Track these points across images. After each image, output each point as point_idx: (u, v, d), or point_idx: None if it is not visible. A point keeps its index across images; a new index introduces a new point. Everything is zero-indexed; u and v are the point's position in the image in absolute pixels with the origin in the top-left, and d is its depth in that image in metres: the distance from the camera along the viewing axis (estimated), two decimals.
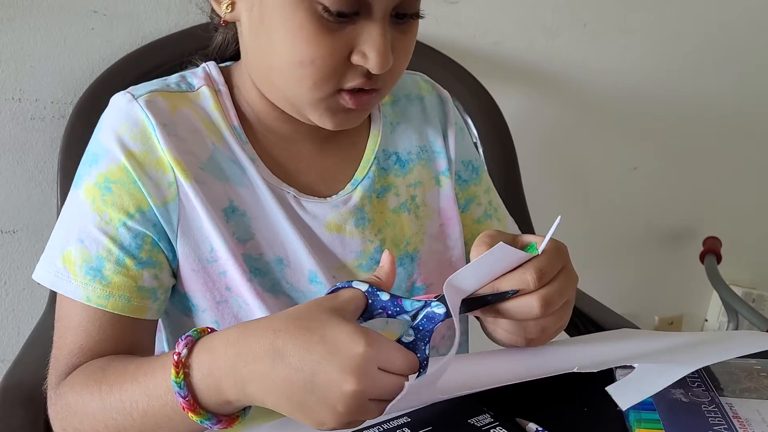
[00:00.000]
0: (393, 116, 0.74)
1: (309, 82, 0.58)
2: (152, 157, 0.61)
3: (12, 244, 0.97)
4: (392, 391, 0.46)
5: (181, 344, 0.51)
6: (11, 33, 0.91)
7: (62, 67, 0.94)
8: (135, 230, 0.60)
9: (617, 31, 1.37)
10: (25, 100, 0.93)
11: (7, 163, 0.94)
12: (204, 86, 0.66)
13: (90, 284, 0.59)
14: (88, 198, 0.61)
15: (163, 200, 0.61)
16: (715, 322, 1.72)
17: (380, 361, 0.46)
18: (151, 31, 0.97)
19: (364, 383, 0.45)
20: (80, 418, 0.56)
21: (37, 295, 1.00)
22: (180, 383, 0.49)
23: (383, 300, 0.51)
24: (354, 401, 0.45)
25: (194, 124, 0.64)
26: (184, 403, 0.49)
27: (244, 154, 0.64)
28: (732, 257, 1.53)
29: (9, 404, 0.66)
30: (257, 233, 0.64)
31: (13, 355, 0.75)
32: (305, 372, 0.46)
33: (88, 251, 0.60)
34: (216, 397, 0.50)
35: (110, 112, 0.64)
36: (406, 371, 0.47)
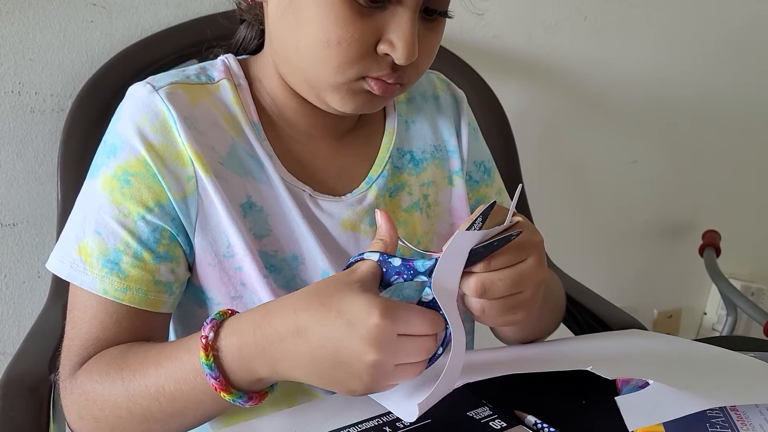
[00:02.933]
0: (408, 114, 0.73)
1: (333, 64, 0.58)
2: (172, 151, 0.60)
3: (12, 236, 0.97)
4: (418, 353, 0.48)
5: (207, 327, 0.52)
6: (10, 26, 0.91)
7: (62, 60, 0.94)
8: (153, 224, 0.60)
9: (617, 25, 1.37)
10: (24, 93, 0.93)
11: (6, 156, 0.94)
12: (224, 79, 0.65)
13: (107, 277, 0.59)
14: (106, 190, 0.60)
15: (183, 194, 0.61)
16: (714, 316, 1.73)
17: (399, 328, 0.47)
18: (151, 24, 0.97)
19: (385, 353, 0.47)
20: (100, 405, 0.56)
21: (38, 288, 1.00)
22: (211, 365, 0.51)
23: (396, 266, 0.51)
24: (378, 371, 0.47)
25: (214, 117, 0.63)
26: (216, 384, 0.51)
27: (263, 150, 0.64)
28: (731, 251, 1.53)
29: (11, 397, 0.66)
30: (274, 230, 0.64)
31: (14, 348, 0.75)
32: (328, 348, 0.48)
33: (105, 244, 0.60)
34: (248, 377, 0.52)
35: (130, 103, 0.63)
36: (429, 331, 0.48)
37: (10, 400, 0.66)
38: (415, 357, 0.48)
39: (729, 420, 0.51)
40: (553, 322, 0.75)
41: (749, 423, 0.51)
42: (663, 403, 0.51)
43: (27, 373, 0.70)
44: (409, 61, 0.57)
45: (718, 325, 1.71)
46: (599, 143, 1.45)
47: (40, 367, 0.71)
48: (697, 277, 1.59)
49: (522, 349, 0.68)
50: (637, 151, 1.50)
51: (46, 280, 0.90)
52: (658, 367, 0.59)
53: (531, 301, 0.54)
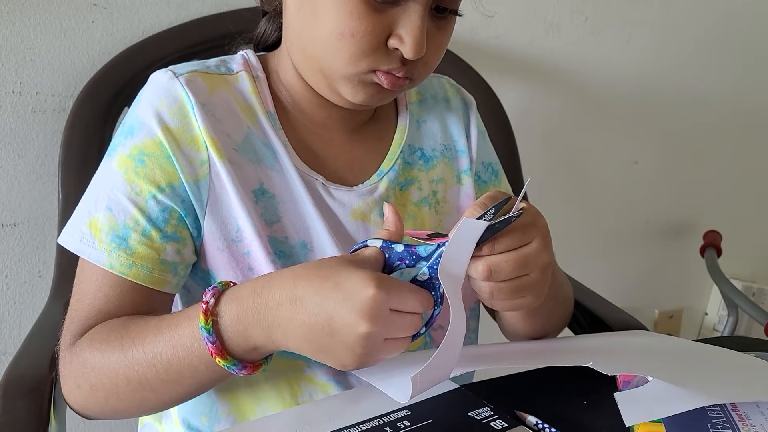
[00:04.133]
0: (419, 114, 0.76)
1: (346, 55, 0.60)
2: (188, 135, 0.62)
3: (13, 236, 0.98)
4: (406, 329, 0.50)
5: (208, 294, 0.54)
6: (12, 26, 0.91)
7: (63, 60, 0.94)
8: (164, 204, 0.62)
9: (618, 25, 1.37)
10: (25, 93, 0.93)
11: (8, 156, 0.94)
12: (243, 71, 0.68)
13: (114, 252, 0.61)
14: (121, 168, 0.62)
15: (195, 177, 0.62)
16: (715, 316, 1.73)
17: (391, 302, 0.49)
18: (152, 24, 0.97)
19: (377, 325, 0.48)
20: (98, 372, 0.58)
21: (39, 288, 1.00)
22: (209, 329, 0.53)
23: (399, 252, 0.53)
24: (369, 342, 0.49)
25: (231, 106, 0.65)
26: (212, 349, 0.53)
27: (278, 139, 0.66)
28: (732, 251, 1.53)
29: (12, 397, 0.66)
30: (284, 217, 0.66)
31: (14, 348, 0.75)
32: (322, 317, 0.50)
33: (115, 219, 0.61)
34: (244, 344, 0.54)
35: (150, 87, 0.65)
36: (419, 309, 0.51)
37: (11, 399, 0.66)
38: (403, 332, 0.50)
39: (730, 420, 0.51)
40: (561, 318, 0.75)
41: (750, 423, 0.51)
42: (662, 399, 0.51)
43: (28, 373, 0.70)
44: (417, 56, 0.59)
45: (719, 325, 1.70)
46: (600, 144, 1.45)
47: (41, 366, 0.71)
48: (698, 277, 1.59)
49: (522, 344, 0.68)
50: (639, 151, 1.50)
51: (48, 280, 0.90)
52: (658, 364, 0.59)
53: (538, 284, 0.56)
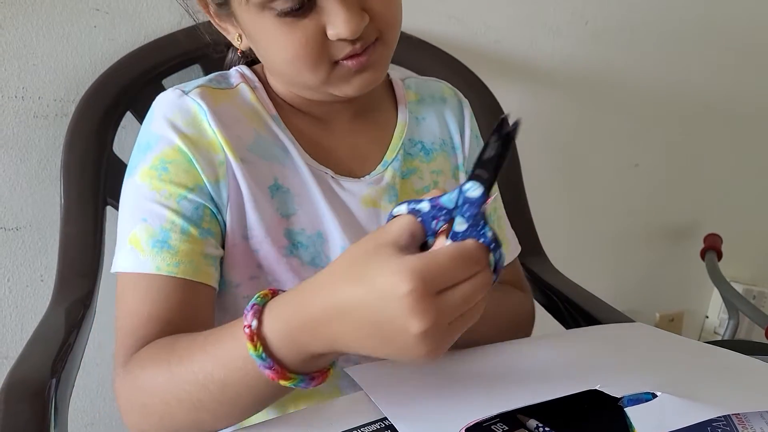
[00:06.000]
0: (418, 112, 0.78)
1: (306, 71, 0.62)
2: (204, 140, 0.64)
3: (15, 241, 0.98)
4: (470, 298, 0.45)
5: (248, 315, 0.50)
6: (14, 31, 0.91)
7: (65, 65, 0.95)
8: (195, 202, 0.63)
9: (618, 29, 1.37)
10: (27, 98, 0.94)
11: (10, 160, 0.95)
12: (241, 83, 0.71)
13: (158, 255, 0.61)
14: (145, 180, 0.63)
15: (216, 178, 0.64)
16: (715, 319, 1.72)
17: (436, 284, 0.44)
18: (154, 29, 0.98)
19: (427, 319, 0.43)
20: (149, 393, 0.55)
21: (41, 292, 1.00)
22: (261, 355, 0.49)
23: (427, 211, 0.47)
24: (429, 338, 0.44)
25: (237, 115, 0.68)
26: (272, 374, 0.49)
27: (286, 137, 0.69)
28: (733, 254, 1.53)
29: (14, 400, 0.66)
30: (299, 209, 0.68)
31: (16, 352, 0.75)
32: (370, 325, 0.45)
33: (152, 227, 0.62)
34: (305, 357, 0.50)
35: (160, 105, 0.67)
36: (469, 271, 0.45)
37: (13, 403, 0.66)
38: (467, 304, 0.45)
39: (730, 423, 0.51)
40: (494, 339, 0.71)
41: (750, 426, 0.51)
42: (672, 411, 0.51)
43: (29, 377, 0.70)
44: (357, 32, 0.60)
45: (720, 328, 1.70)
46: (601, 147, 1.45)
47: (43, 371, 0.71)
48: (698, 280, 1.59)
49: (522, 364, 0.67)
50: (639, 154, 1.50)
51: (49, 284, 0.90)
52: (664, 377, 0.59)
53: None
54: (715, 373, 0.63)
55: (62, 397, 0.72)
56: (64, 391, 0.73)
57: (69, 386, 0.75)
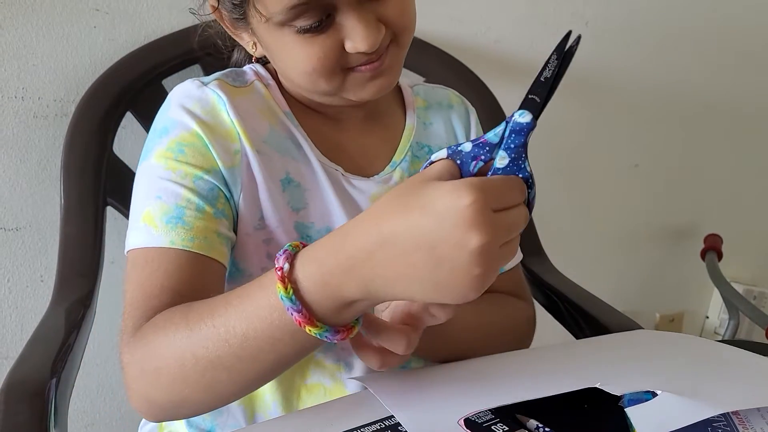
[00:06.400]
0: (426, 117, 0.79)
1: (322, 81, 0.63)
2: (222, 128, 0.65)
3: (15, 241, 0.98)
4: (517, 225, 0.46)
5: (281, 259, 0.49)
6: (14, 31, 0.91)
7: (65, 65, 0.95)
8: (210, 183, 0.63)
9: (618, 29, 1.37)
10: (27, 98, 0.94)
11: (10, 161, 0.95)
12: (255, 80, 0.72)
13: (173, 230, 0.60)
14: (161, 161, 0.64)
15: (231, 164, 0.65)
16: (716, 319, 1.72)
17: (491, 203, 0.44)
18: (154, 29, 0.98)
19: (487, 232, 0.43)
20: (163, 354, 0.53)
21: (41, 293, 1.00)
22: (291, 297, 0.48)
23: (469, 151, 0.48)
24: (486, 255, 0.43)
25: (252, 110, 0.68)
26: (299, 317, 0.48)
27: (299, 133, 0.70)
28: (733, 254, 1.53)
29: (13, 401, 0.66)
30: (310, 203, 0.69)
31: (16, 353, 0.75)
32: (423, 249, 0.44)
33: (167, 204, 0.62)
34: (336, 304, 0.48)
35: (178, 94, 0.67)
36: (520, 198, 0.46)
37: (13, 403, 0.66)
38: (516, 230, 0.45)
39: (730, 423, 0.51)
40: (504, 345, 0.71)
41: (750, 426, 0.51)
42: (672, 411, 0.51)
43: (29, 378, 0.70)
44: (375, 45, 0.61)
45: (720, 328, 1.70)
46: (601, 147, 1.45)
47: (43, 371, 0.71)
48: (699, 280, 1.59)
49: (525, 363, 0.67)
50: (639, 154, 1.50)
51: (49, 285, 0.90)
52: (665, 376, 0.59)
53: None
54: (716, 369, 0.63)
55: (62, 398, 0.72)
56: (64, 392, 0.73)
57: (69, 386, 0.75)
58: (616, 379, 0.56)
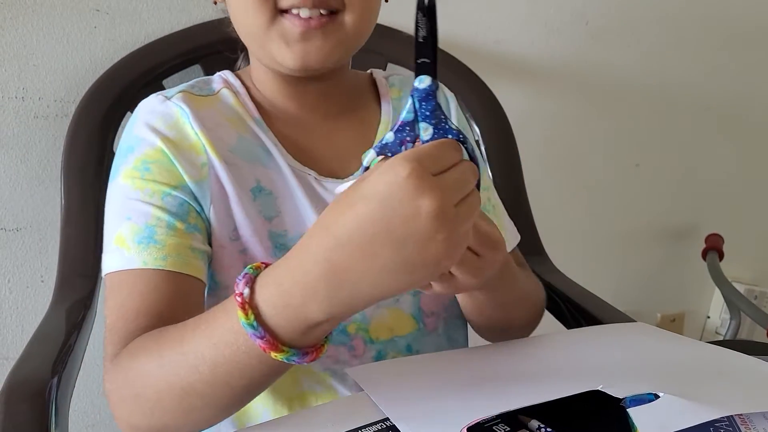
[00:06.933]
0: (399, 107, 0.77)
1: (251, 8, 0.62)
2: (186, 142, 0.65)
3: (16, 241, 0.98)
4: (464, 181, 0.45)
5: (240, 284, 0.48)
6: (14, 32, 0.91)
7: (65, 65, 0.95)
8: (179, 198, 0.63)
9: (619, 28, 1.37)
10: (28, 98, 0.94)
11: (10, 161, 0.95)
12: (224, 88, 0.71)
13: (145, 250, 0.60)
14: (128, 180, 0.64)
15: (198, 178, 0.65)
16: (717, 319, 1.72)
17: (429, 167, 0.43)
18: (154, 29, 0.98)
19: (436, 194, 0.42)
20: (140, 382, 0.53)
21: (41, 293, 1.00)
22: (253, 323, 0.46)
23: (393, 140, 0.48)
24: (443, 217, 0.42)
25: (219, 120, 0.68)
26: (263, 344, 0.47)
27: (269, 140, 0.69)
28: (734, 254, 1.53)
29: (14, 401, 0.66)
30: (282, 211, 0.68)
31: (16, 353, 0.75)
32: (380, 235, 0.43)
33: (137, 224, 0.61)
34: (299, 326, 0.47)
35: (143, 110, 0.68)
36: (457, 156, 0.46)
37: (14, 404, 0.66)
38: (465, 187, 0.45)
39: (733, 423, 0.51)
40: (525, 321, 0.74)
41: (753, 427, 0.51)
42: (674, 413, 0.51)
43: (30, 378, 0.70)
44: None
45: (721, 328, 1.70)
46: (602, 146, 1.45)
47: (43, 371, 0.71)
48: (700, 280, 1.59)
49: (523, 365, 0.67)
50: (639, 154, 1.50)
51: (50, 285, 0.90)
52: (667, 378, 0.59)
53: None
54: (717, 373, 0.62)
55: (63, 398, 0.72)
56: (65, 392, 0.73)
57: (69, 387, 0.75)
58: (618, 380, 0.56)
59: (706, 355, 0.67)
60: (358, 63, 0.79)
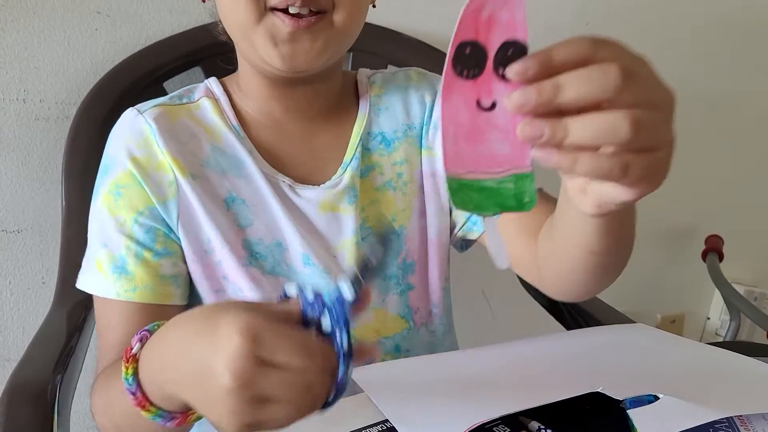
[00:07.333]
0: (380, 103, 0.77)
1: (241, 4, 0.62)
2: (154, 162, 0.67)
3: (17, 243, 0.98)
4: (281, 388, 0.41)
5: (135, 338, 0.49)
6: (15, 34, 0.91)
7: (66, 67, 0.95)
8: (146, 225, 0.66)
9: (619, 30, 1.36)
10: (29, 100, 0.94)
11: (11, 163, 0.95)
12: (204, 97, 0.73)
13: (117, 281, 0.65)
14: (105, 206, 0.68)
15: (165, 198, 0.67)
16: (717, 320, 1.72)
17: (261, 351, 0.40)
18: (155, 31, 0.98)
19: (237, 378, 0.40)
20: (100, 412, 0.59)
21: (42, 295, 1.00)
22: (128, 378, 0.48)
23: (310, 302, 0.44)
24: (233, 399, 0.40)
25: (193, 130, 0.70)
26: (133, 400, 0.48)
27: (243, 148, 0.70)
28: (734, 255, 1.53)
29: (16, 403, 0.66)
30: (256, 219, 0.69)
31: (17, 355, 0.76)
32: (194, 363, 0.43)
33: (112, 252, 0.66)
34: (159, 393, 0.48)
35: (118, 127, 0.70)
36: (293, 362, 0.40)
37: (16, 406, 0.66)
38: (280, 392, 0.41)
39: (733, 425, 0.52)
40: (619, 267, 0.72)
41: (752, 428, 0.51)
42: (674, 414, 0.51)
43: (32, 380, 0.70)
44: None
45: (721, 329, 1.70)
46: None
47: (45, 373, 0.71)
48: (700, 281, 1.59)
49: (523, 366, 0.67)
50: None
51: (51, 287, 0.90)
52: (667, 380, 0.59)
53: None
54: (716, 374, 0.63)
55: (64, 400, 0.72)
56: (66, 394, 0.73)
57: (71, 389, 0.75)
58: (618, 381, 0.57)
59: (706, 356, 0.67)
60: (358, 64, 0.79)
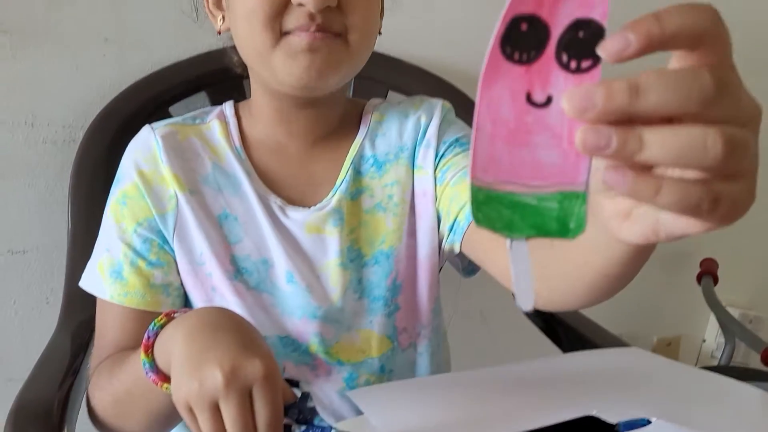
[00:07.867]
0: (378, 129, 0.78)
1: (259, 27, 0.64)
2: (158, 176, 0.72)
3: (22, 264, 0.99)
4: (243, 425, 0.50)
5: (150, 331, 0.58)
6: (25, 60, 0.93)
7: (74, 92, 0.97)
8: (144, 236, 0.71)
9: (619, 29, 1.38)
10: (37, 124, 0.96)
11: (19, 185, 0.96)
12: (215, 120, 0.77)
13: (113, 285, 0.70)
14: (112, 213, 0.73)
15: (164, 210, 0.72)
16: (713, 343, 1.73)
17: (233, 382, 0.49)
18: (161, 57, 1.00)
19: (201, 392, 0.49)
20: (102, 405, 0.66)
21: (47, 315, 1.01)
22: (150, 362, 0.57)
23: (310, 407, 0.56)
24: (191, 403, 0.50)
25: (198, 149, 0.75)
26: (155, 377, 0.56)
27: (242, 169, 0.74)
28: (729, 279, 1.54)
29: (22, 423, 0.67)
30: (246, 237, 0.73)
31: (22, 375, 0.76)
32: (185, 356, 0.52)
33: (112, 257, 0.71)
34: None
35: (133, 141, 0.75)
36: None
37: (22, 426, 0.67)
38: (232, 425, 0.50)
39: None
40: None
41: None
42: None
43: (37, 400, 0.71)
44: (322, 5, 0.62)
45: (717, 352, 1.71)
46: None
47: (51, 393, 0.72)
48: (696, 304, 1.59)
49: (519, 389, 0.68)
50: None
51: (56, 307, 0.91)
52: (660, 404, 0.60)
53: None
54: (709, 398, 0.64)
55: (69, 420, 0.73)
56: (71, 414, 0.74)
57: (76, 409, 0.76)
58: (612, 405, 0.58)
59: (699, 381, 0.68)
60: (361, 90, 0.81)
